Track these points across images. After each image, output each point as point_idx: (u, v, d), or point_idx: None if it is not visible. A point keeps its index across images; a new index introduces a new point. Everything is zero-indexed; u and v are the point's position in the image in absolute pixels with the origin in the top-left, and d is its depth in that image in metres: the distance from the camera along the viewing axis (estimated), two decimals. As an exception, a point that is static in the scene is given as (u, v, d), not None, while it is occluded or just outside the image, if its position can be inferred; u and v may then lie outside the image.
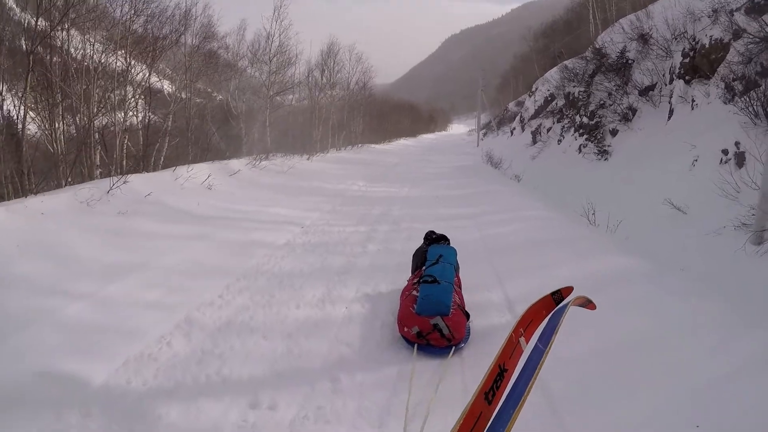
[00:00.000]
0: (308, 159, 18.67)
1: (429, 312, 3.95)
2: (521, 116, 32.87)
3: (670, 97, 14.62)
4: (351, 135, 30.65)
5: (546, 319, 2.71)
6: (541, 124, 26.15)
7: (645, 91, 16.24)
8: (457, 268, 4.91)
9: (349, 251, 6.54)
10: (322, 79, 23.81)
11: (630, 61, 17.85)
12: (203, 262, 5.82)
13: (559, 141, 21.57)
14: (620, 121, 16.55)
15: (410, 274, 5.12)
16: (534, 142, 25.80)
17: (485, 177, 16.58)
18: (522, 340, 2.55)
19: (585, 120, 18.80)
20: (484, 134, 48.45)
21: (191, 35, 15.45)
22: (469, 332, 4.10)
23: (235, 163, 12.77)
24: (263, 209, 9.08)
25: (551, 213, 8.64)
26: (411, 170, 20.04)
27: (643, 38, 17.77)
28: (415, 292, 4.31)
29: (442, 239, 5.49)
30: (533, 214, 8.52)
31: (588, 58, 21.10)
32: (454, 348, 3.88)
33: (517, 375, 2.13)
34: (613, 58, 18.51)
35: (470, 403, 1.83)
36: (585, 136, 18.32)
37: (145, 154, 12.56)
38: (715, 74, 13.06)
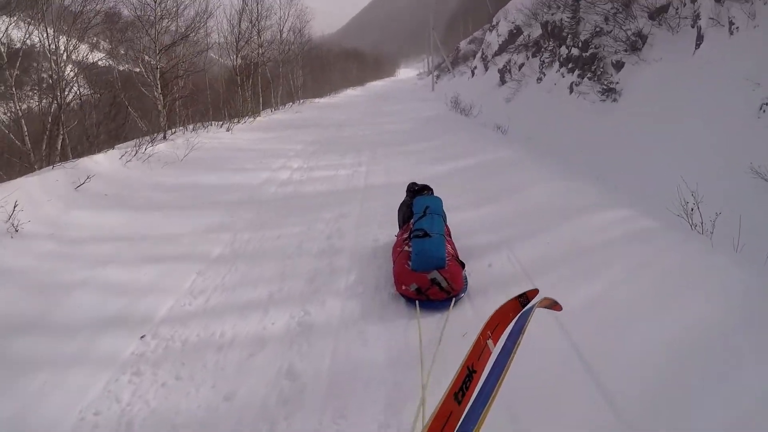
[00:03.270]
0: (228, 130, 14.14)
1: (425, 267, 3.84)
2: (483, 53, 28.81)
3: (695, 19, 11.06)
4: (290, 90, 26.12)
5: (513, 322, 2.74)
6: (510, 61, 22.32)
7: (657, 13, 12.56)
8: (444, 218, 4.69)
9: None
10: (240, 26, 18.73)
11: (630, -24, 14.06)
12: None
13: (539, 79, 17.90)
14: (626, 51, 12.90)
15: (397, 230, 4.94)
16: (503, 81, 22.06)
17: (462, 132, 12.59)
18: (490, 342, 2.59)
19: (575, 52, 15.07)
20: (437, 76, 44.34)
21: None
22: (466, 281, 4.01)
23: (98, 160, 8.17)
24: (92, 273, 4.49)
25: (625, 210, 4.80)
26: (365, 130, 15.33)
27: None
28: (407, 248, 4.15)
29: (425, 189, 5.23)
30: (605, 220, 4.61)
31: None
32: (454, 299, 3.81)
33: (485, 376, 2.16)
34: (607, -29, 14.62)
35: (440, 404, 1.86)
36: (577, 72, 14.67)
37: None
38: (761, -12, 9.72)
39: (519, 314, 2.90)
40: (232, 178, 8.62)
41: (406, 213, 4.83)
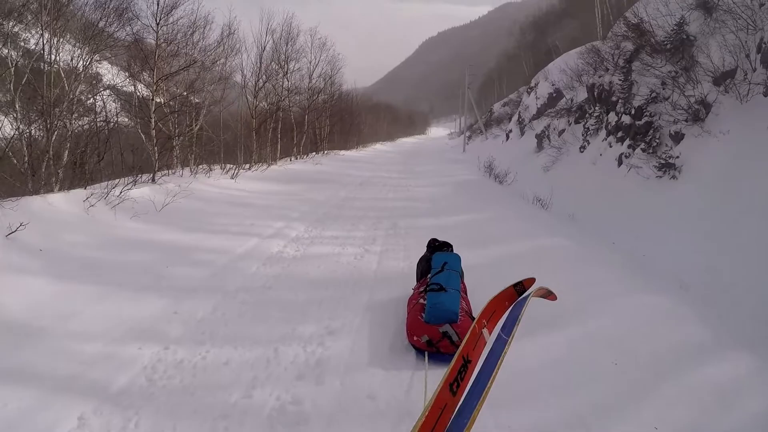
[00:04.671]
0: (232, 177, 12.72)
1: (438, 320, 3.82)
2: (519, 116, 27.50)
3: (770, 86, 9.45)
4: (315, 139, 24.95)
5: (508, 311, 2.73)
6: (549, 126, 20.87)
7: (723, 78, 10.95)
8: (461, 275, 4.65)
9: None
10: (261, 65, 17.51)
11: (691, 38, 12.58)
12: None
13: (583, 147, 16.31)
14: (686, 121, 11.24)
15: (415, 283, 4.89)
16: (540, 148, 20.55)
17: (499, 204, 10.98)
18: (485, 331, 2.58)
19: (626, 119, 13.50)
20: (469, 137, 43.20)
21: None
22: None
23: (52, 201, 6.68)
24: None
25: (746, 354, 3.18)
26: (388, 193, 13.47)
27: (707, 7, 12.57)
28: (422, 301, 4.16)
29: (445, 246, 5.18)
30: (727, 374, 2.92)
31: (621, 36, 15.78)
32: None
33: (480, 366, 2.15)
34: (666, 32, 13.16)
35: (435, 396, 1.82)
36: (628, 142, 13.06)
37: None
38: None
39: (515, 302, 2.86)
40: (208, 242, 6.83)
41: (424, 267, 4.86)
